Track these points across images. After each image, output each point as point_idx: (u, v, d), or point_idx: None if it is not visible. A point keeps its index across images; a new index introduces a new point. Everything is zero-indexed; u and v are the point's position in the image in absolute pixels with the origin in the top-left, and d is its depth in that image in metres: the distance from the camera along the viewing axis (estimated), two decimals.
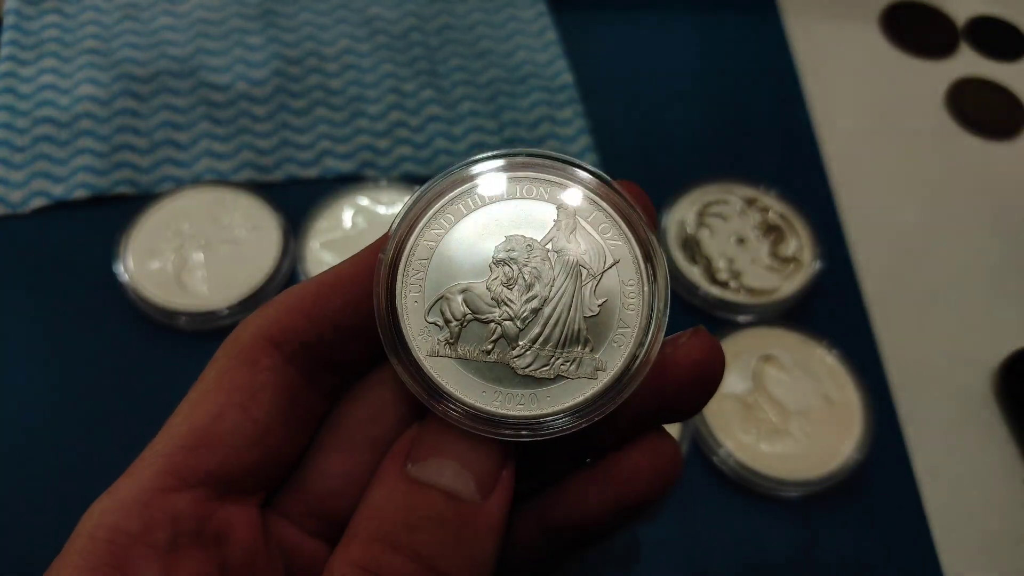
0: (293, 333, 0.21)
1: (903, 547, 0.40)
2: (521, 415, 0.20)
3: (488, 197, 0.21)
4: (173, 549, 0.20)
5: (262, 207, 0.46)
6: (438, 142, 0.51)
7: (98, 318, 0.43)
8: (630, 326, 0.20)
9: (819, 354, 0.44)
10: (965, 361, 0.47)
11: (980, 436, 0.44)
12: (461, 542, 0.19)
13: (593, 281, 0.20)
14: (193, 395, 0.21)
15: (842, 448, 0.41)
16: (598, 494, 0.21)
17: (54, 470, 0.39)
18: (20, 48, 0.52)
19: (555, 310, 0.20)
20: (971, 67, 0.60)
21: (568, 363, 0.20)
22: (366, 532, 0.20)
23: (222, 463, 0.20)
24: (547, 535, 0.22)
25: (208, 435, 0.20)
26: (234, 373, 0.21)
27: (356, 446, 0.22)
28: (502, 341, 0.20)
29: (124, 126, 0.49)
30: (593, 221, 0.21)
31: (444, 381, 0.20)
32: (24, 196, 0.46)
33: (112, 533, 0.19)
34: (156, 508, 0.20)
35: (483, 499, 0.20)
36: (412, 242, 0.20)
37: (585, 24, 0.58)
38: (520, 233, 0.21)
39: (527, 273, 0.20)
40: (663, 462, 0.21)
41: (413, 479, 0.20)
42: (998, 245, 0.51)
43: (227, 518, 0.21)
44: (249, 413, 0.20)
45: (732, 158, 0.53)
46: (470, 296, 0.20)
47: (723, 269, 0.47)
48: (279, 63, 0.53)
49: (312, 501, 0.22)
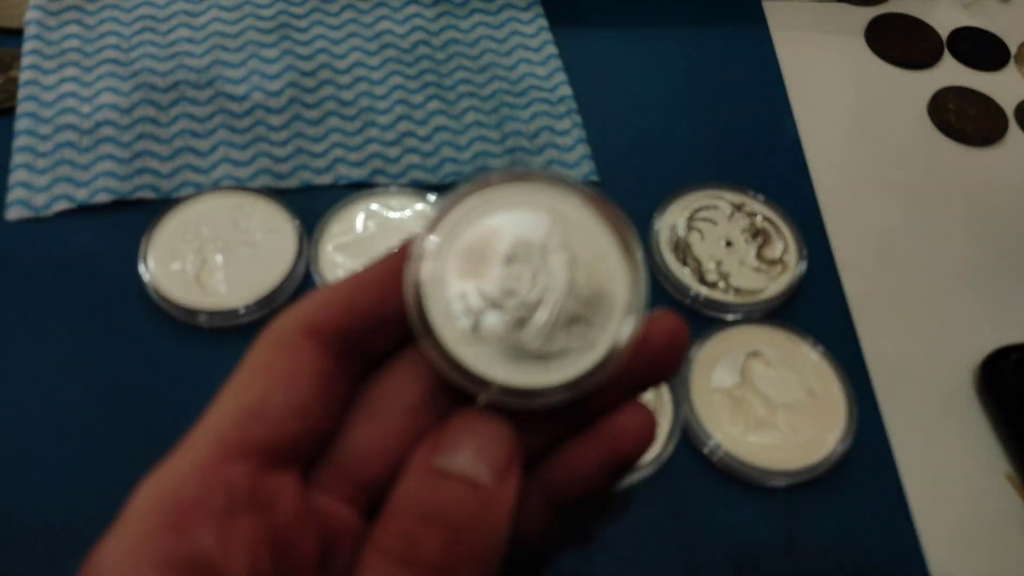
0: (329, 323, 0.24)
1: (886, 534, 0.42)
2: (539, 385, 0.23)
3: (493, 208, 0.25)
4: (229, 513, 0.21)
5: (278, 211, 0.48)
6: (445, 151, 0.53)
7: (121, 317, 0.45)
8: (618, 306, 0.24)
9: (804, 350, 0.46)
10: (946, 359, 0.48)
11: (961, 430, 0.46)
12: (482, 519, 0.22)
13: (584, 272, 0.24)
14: (237, 379, 0.23)
15: (826, 440, 0.43)
16: (592, 453, 0.24)
17: (82, 465, 0.40)
18: (42, 57, 0.54)
19: (556, 297, 0.24)
20: (954, 77, 0.62)
21: (571, 340, 0.24)
22: (396, 516, 0.23)
23: (270, 435, 0.22)
24: (551, 500, 0.25)
25: (258, 410, 0.22)
26: (279, 357, 0.23)
27: (383, 415, 0.25)
28: (515, 327, 0.24)
29: (144, 133, 0.51)
30: (579, 223, 0.24)
31: (471, 363, 0.23)
32: (47, 200, 0.48)
33: (170, 501, 0.21)
34: (212, 476, 0.22)
35: (498, 484, 0.22)
36: (433, 249, 0.24)
37: (583, 40, 0.60)
38: (521, 236, 0.24)
39: (530, 269, 0.24)
40: (642, 423, 0.24)
41: (435, 470, 0.23)
42: (978, 247, 0.53)
43: (274, 487, 0.23)
44: (294, 390, 0.23)
45: (721, 165, 0.55)
46: (485, 291, 0.24)
47: (712, 270, 0.49)
48: (294, 75, 0.55)
49: (344, 468, 0.24)
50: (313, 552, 0.23)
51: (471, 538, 0.22)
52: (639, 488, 0.42)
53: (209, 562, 0.21)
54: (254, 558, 0.22)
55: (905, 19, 0.66)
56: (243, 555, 0.21)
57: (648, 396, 0.44)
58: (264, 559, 0.22)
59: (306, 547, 0.23)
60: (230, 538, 0.21)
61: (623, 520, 0.41)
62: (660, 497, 0.42)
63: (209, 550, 0.21)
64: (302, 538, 0.23)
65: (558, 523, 0.26)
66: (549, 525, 0.26)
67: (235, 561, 0.21)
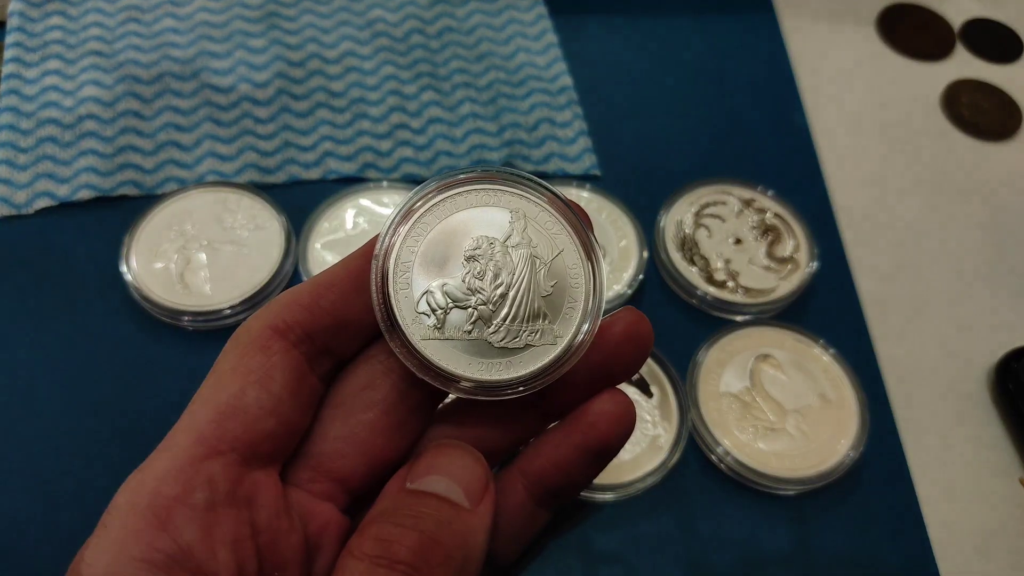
0: (296, 324, 0.25)
1: (898, 544, 0.41)
2: (504, 378, 0.25)
3: (456, 206, 0.26)
4: (211, 509, 0.22)
5: (265, 208, 0.46)
6: (439, 144, 0.51)
7: (103, 318, 0.43)
8: (578, 300, 0.26)
9: (815, 353, 0.44)
10: (961, 360, 0.47)
11: (976, 434, 0.44)
12: (454, 529, 0.23)
13: (545, 267, 0.26)
14: (211, 380, 0.24)
15: (838, 446, 0.42)
16: (569, 440, 0.26)
17: (61, 467, 0.39)
18: (24, 50, 0.53)
19: (518, 293, 0.25)
20: (967, 69, 0.61)
21: (533, 334, 0.25)
22: (372, 525, 0.23)
23: (247, 432, 0.23)
24: (530, 489, 0.26)
25: (233, 408, 0.23)
26: (250, 357, 0.24)
27: (354, 410, 0.25)
28: (479, 322, 0.25)
29: (128, 128, 0.50)
30: (540, 220, 0.26)
31: (438, 359, 0.25)
32: (28, 197, 0.47)
33: (153, 497, 0.21)
34: (193, 473, 0.22)
35: (473, 507, 0.23)
36: (398, 247, 0.25)
37: (585, 27, 0.59)
38: (483, 234, 0.26)
39: (492, 265, 0.25)
40: (619, 408, 0.26)
41: (412, 491, 0.24)
42: (994, 245, 0.52)
43: (253, 483, 0.23)
44: (267, 387, 0.24)
45: (729, 159, 0.53)
46: (449, 288, 0.25)
47: (720, 269, 0.47)
48: (282, 65, 0.53)
49: (320, 465, 0.25)
50: (297, 548, 0.24)
51: (446, 542, 0.22)
52: (645, 496, 0.40)
53: (193, 557, 0.21)
54: (238, 553, 0.22)
55: (918, 9, 0.64)
56: (227, 550, 0.22)
57: (654, 400, 0.42)
58: (248, 554, 0.22)
59: (289, 543, 0.23)
60: (213, 533, 0.22)
61: (628, 529, 0.40)
62: (666, 505, 0.40)
63: (192, 545, 0.21)
64: (284, 534, 0.23)
65: (540, 514, 0.27)
66: (530, 516, 0.27)
67: (219, 555, 0.21)
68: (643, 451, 0.41)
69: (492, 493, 0.24)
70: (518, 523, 0.27)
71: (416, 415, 0.26)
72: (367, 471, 0.26)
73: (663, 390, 0.43)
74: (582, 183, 0.50)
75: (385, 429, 0.25)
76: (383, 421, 0.25)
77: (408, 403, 0.26)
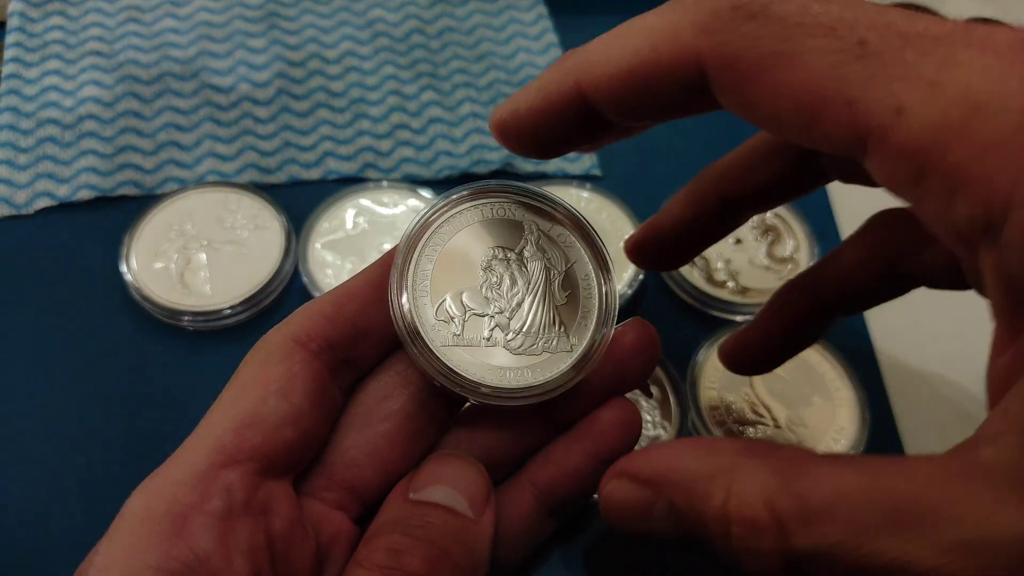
0: (317, 334, 0.25)
1: None
2: (523, 385, 0.25)
3: (472, 218, 0.27)
4: (228, 517, 0.22)
5: (265, 208, 0.46)
6: (439, 144, 0.51)
7: (103, 318, 0.43)
8: (591, 309, 0.26)
9: (815, 353, 0.45)
10: (961, 359, 0.47)
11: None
12: (462, 539, 0.23)
13: (559, 277, 0.26)
14: (231, 390, 0.24)
15: (838, 446, 0.42)
16: (578, 449, 0.26)
17: (61, 467, 0.39)
18: (24, 50, 0.53)
19: (534, 302, 0.26)
20: None
21: (549, 342, 0.26)
22: (379, 535, 0.23)
23: (265, 442, 0.23)
24: (540, 498, 0.26)
25: (253, 417, 0.23)
26: (271, 368, 0.24)
27: (371, 420, 0.26)
28: (497, 330, 0.26)
29: (128, 128, 0.50)
30: (553, 232, 0.27)
31: (458, 367, 0.25)
32: (28, 197, 0.47)
33: (170, 504, 0.21)
34: (210, 481, 0.22)
35: (477, 517, 0.24)
36: (416, 257, 0.26)
37: (585, 27, 0.59)
38: (500, 244, 0.26)
39: (509, 275, 0.26)
40: (627, 417, 0.26)
41: (417, 501, 0.24)
42: None
43: (270, 492, 0.23)
44: (287, 398, 0.24)
45: None
46: (467, 297, 0.26)
47: (721, 269, 0.47)
48: (282, 65, 0.53)
49: (336, 475, 0.25)
50: (310, 557, 0.24)
51: (454, 552, 0.23)
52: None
53: (209, 566, 0.21)
54: (254, 562, 0.22)
55: (919, 9, 0.64)
56: (243, 558, 0.22)
57: (654, 400, 0.42)
58: (263, 563, 0.22)
59: (302, 552, 0.23)
60: (229, 542, 0.22)
61: (624, 539, 0.40)
62: None
63: (209, 554, 0.21)
64: (298, 544, 0.23)
65: (548, 522, 0.27)
66: (539, 525, 0.27)
67: (235, 564, 0.21)
68: None
69: (493, 503, 0.24)
70: (527, 531, 0.27)
71: (432, 426, 0.27)
72: (381, 481, 0.26)
73: (663, 390, 0.43)
74: (582, 183, 0.50)
75: (401, 440, 0.26)
76: (400, 432, 0.26)
77: (425, 414, 0.26)
